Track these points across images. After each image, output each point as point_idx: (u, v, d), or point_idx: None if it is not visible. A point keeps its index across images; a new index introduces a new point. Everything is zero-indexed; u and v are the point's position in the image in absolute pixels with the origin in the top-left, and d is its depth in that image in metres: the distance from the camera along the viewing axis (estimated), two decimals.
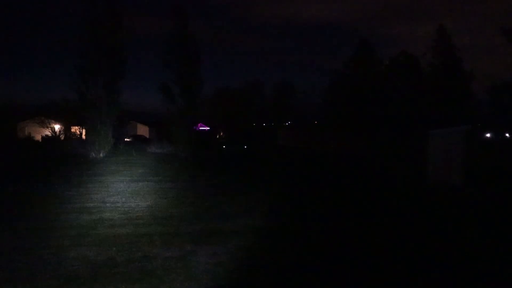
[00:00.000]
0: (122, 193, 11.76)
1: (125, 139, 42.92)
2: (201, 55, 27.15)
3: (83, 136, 37.87)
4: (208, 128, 55.93)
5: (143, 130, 58.56)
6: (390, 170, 17.53)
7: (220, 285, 5.25)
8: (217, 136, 54.92)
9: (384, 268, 6.05)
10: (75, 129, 40.05)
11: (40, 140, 39.87)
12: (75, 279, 5.36)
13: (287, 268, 5.97)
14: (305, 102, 57.27)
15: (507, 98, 47.05)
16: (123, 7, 28.00)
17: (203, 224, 8.35)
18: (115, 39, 25.55)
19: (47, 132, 39.86)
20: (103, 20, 25.74)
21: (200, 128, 53.31)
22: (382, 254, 6.71)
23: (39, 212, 9.19)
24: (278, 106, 56.54)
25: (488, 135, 57.69)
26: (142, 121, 60.29)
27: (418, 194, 12.68)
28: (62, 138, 38.82)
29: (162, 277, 5.48)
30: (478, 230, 8.57)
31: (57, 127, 40.47)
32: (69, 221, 8.48)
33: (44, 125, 39.85)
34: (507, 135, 54.47)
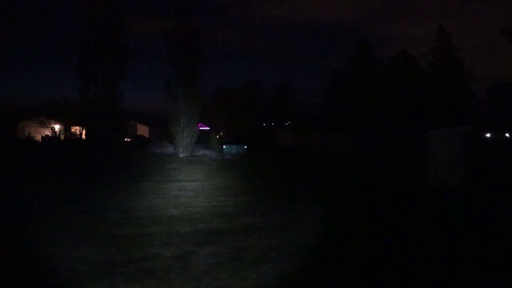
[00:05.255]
0: None
1: (125, 139, 42.94)
2: (202, 54, 27.22)
3: (83, 136, 37.89)
4: (208, 128, 55.96)
5: (143, 130, 58.62)
6: (390, 170, 17.55)
7: None
8: (217, 136, 54.88)
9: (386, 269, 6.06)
10: (75, 129, 40.06)
11: (40, 140, 39.91)
12: None
13: None
14: (305, 102, 57.39)
15: (507, 98, 47.09)
16: (123, 6, 28.17)
17: None
18: (115, 38, 25.55)
19: (47, 132, 39.90)
20: (102, 19, 25.79)
21: (200, 128, 53.32)
22: (380, 253, 6.73)
23: None
24: (278, 106, 56.58)
25: (488, 135, 57.68)
26: (142, 121, 60.33)
27: (417, 194, 12.70)
28: (62, 138, 38.85)
29: None
30: (477, 229, 8.58)
31: (57, 127, 40.49)
32: None
33: (44, 125, 39.87)
34: (507, 135, 54.49)
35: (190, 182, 14.44)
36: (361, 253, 6.70)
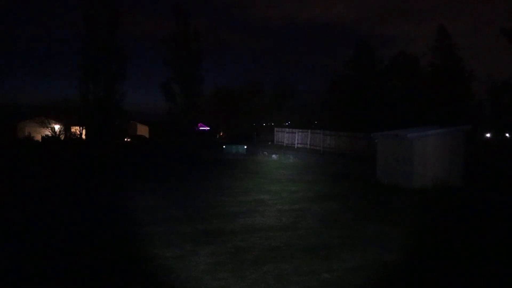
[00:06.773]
0: None
1: (125, 139, 42.98)
2: (202, 55, 27.29)
3: (83, 136, 37.91)
4: (208, 128, 56.01)
5: (143, 130, 58.62)
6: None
7: None
8: (217, 136, 54.95)
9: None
10: (75, 129, 40.07)
11: (40, 140, 39.94)
12: None
13: None
14: (305, 102, 57.42)
15: (507, 98, 47.15)
16: (121, 5, 28.47)
17: None
18: (114, 38, 25.61)
19: (47, 132, 39.92)
20: (101, 19, 25.88)
21: (200, 128, 53.40)
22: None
23: None
24: (278, 106, 56.61)
25: (488, 135, 57.73)
26: (142, 121, 60.36)
27: (417, 193, 12.68)
28: (62, 138, 38.88)
29: None
30: (477, 229, 8.58)
31: (57, 127, 40.49)
32: None
33: (44, 125, 39.89)
34: (507, 135, 54.50)
35: (190, 182, 14.45)
36: (359, 258, 6.70)
